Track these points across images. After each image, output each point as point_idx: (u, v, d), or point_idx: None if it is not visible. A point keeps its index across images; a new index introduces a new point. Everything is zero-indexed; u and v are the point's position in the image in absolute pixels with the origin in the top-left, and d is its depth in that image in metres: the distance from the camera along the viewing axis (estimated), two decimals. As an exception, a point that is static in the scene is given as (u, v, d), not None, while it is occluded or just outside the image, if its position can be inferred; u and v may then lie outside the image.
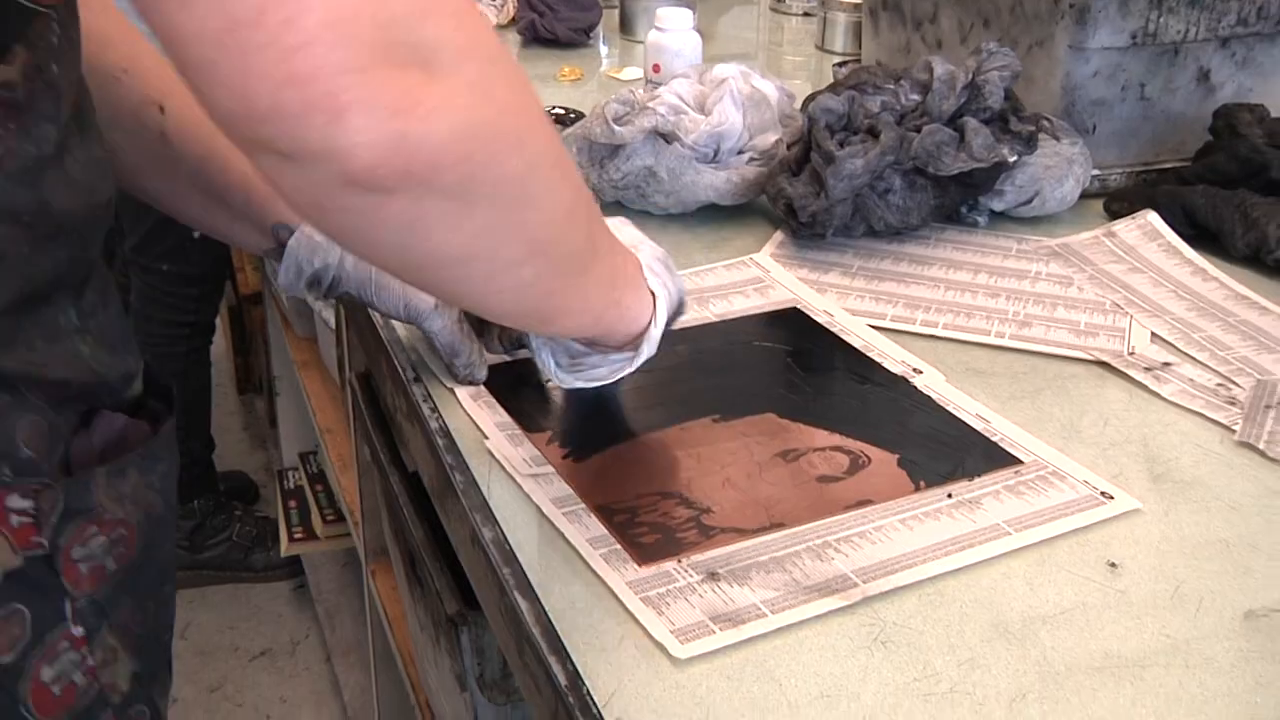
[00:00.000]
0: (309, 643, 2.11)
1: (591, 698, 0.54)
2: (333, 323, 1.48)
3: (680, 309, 0.74)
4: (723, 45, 1.79)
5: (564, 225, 0.56)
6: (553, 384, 0.76)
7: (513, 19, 1.75)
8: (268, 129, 0.41)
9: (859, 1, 1.53)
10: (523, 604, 0.60)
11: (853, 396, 0.80)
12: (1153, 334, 0.89)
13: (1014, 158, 1.00)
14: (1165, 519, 0.68)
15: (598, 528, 0.66)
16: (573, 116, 1.29)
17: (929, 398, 0.79)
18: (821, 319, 0.89)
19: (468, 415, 0.76)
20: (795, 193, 0.98)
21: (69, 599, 0.60)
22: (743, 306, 0.91)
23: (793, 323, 0.90)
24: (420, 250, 0.49)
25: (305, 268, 0.77)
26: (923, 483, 0.70)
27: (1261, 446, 0.74)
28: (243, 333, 2.60)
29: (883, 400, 0.79)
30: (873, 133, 0.97)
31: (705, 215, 1.07)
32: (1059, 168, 1.05)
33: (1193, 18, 1.07)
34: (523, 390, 0.79)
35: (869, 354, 0.85)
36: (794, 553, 0.64)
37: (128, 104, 0.72)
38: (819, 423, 0.76)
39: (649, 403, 0.78)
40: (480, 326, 0.82)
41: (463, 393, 0.78)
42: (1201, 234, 1.02)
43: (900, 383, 0.81)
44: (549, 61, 1.61)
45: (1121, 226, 1.04)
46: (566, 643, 0.58)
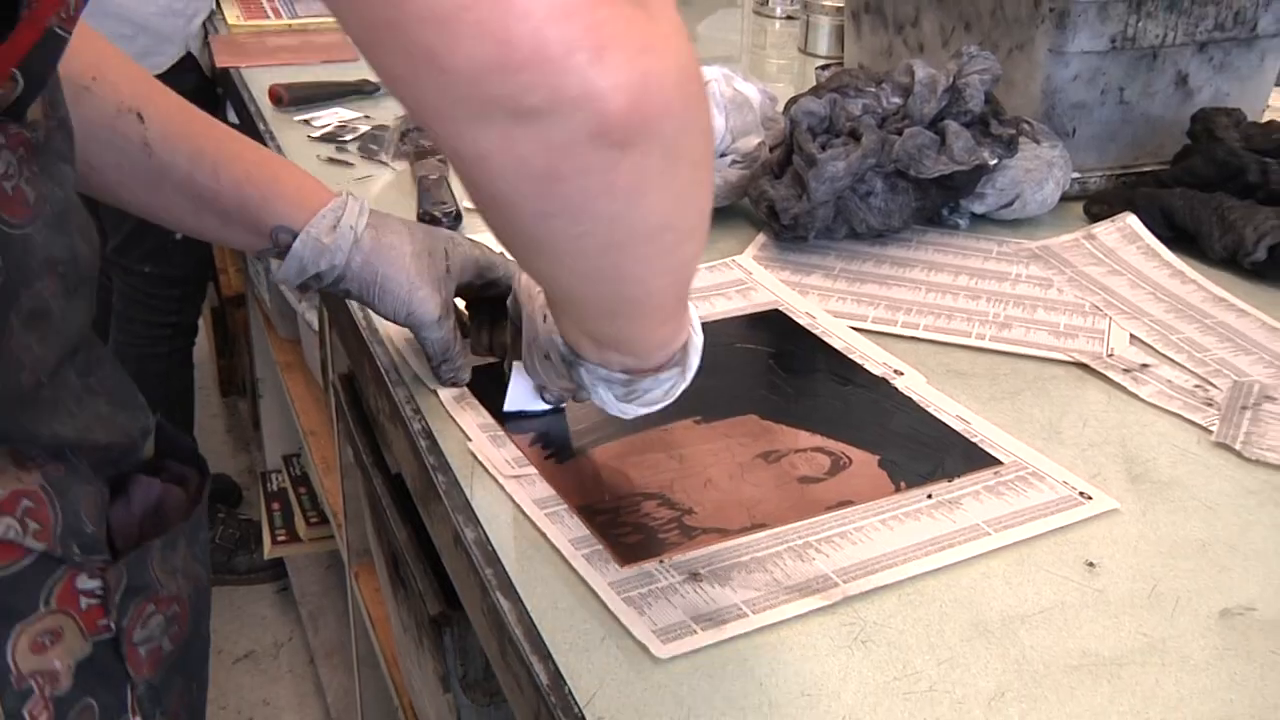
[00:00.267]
0: (292, 645, 2.11)
1: (573, 697, 0.55)
2: (316, 324, 1.48)
3: None
4: (707, 48, 1.79)
5: (711, 201, 0.51)
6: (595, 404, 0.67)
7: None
8: (523, 79, 0.37)
9: (842, 5, 1.54)
10: (505, 604, 0.61)
11: (834, 398, 0.80)
12: (1131, 336, 0.89)
13: (994, 161, 1.00)
14: (1143, 519, 0.69)
15: (580, 528, 0.66)
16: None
17: (910, 399, 0.80)
18: (803, 321, 0.90)
19: (450, 417, 0.76)
20: (777, 195, 0.98)
21: (130, 686, 0.58)
22: (725, 309, 0.92)
23: (775, 325, 0.90)
24: (630, 220, 0.45)
25: (309, 269, 0.73)
26: (903, 483, 0.71)
27: (1238, 447, 0.75)
28: (225, 335, 2.60)
29: (864, 402, 0.80)
30: (854, 135, 0.98)
31: (688, 217, 1.08)
32: (1039, 171, 1.05)
33: (1170, 22, 1.08)
34: (506, 392, 0.79)
35: (850, 356, 0.85)
36: (775, 553, 0.64)
37: (101, 115, 0.67)
38: (801, 424, 0.77)
39: (631, 404, 0.79)
40: (465, 328, 0.83)
41: (445, 394, 0.78)
42: (1180, 236, 1.03)
43: (881, 384, 0.81)
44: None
45: (1101, 229, 1.05)
46: (548, 643, 0.58)
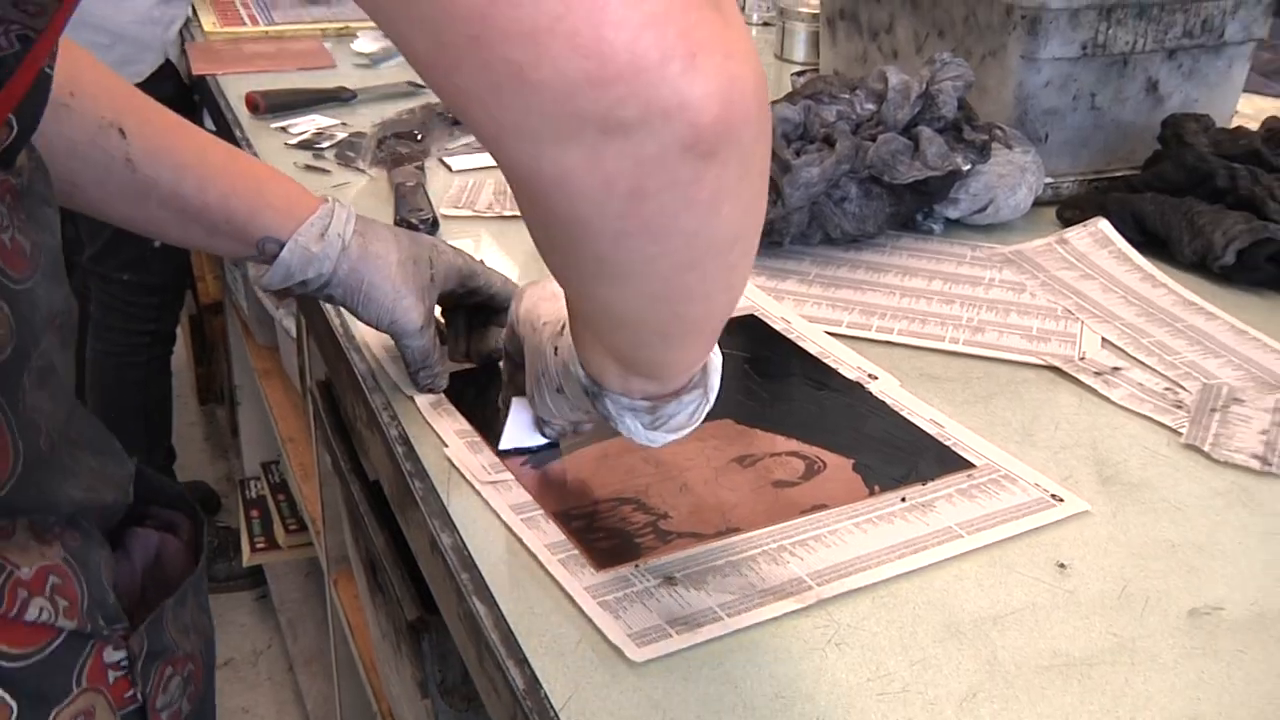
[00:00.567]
0: (271, 652, 2.10)
1: (549, 701, 0.55)
2: (294, 331, 1.48)
3: None
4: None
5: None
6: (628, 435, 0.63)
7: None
8: (617, 91, 0.36)
9: (817, 11, 1.55)
10: (481, 609, 0.61)
11: (809, 402, 0.81)
12: (1103, 339, 0.90)
13: (968, 166, 1.01)
14: (1113, 520, 0.69)
15: (556, 533, 0.66)
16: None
17: (884, 403, 0.80)
18: (779, 326, 0.90)
19: (427, 423, 0.77)
20: (753, 201, 0.99)
21: None
22: (701, 314, 0.92)
23: (750, 330, 0.91)
24: (705, 235, 0.44)
25: (295, 275, 0.73)
26: (877, 487, 0.71)
27: (1206, 449, 0.76)
28: (203, 342, 2.59)
29: (839, 406, 0.80)
30: (829, 142, 0.99)
31: (664, 223, 1.08)
32: (1012, 176, 1.06)
33: (1140, 29, 1.09)
34: (482, 398, 0.79)
35: (825, 360, 0.86)
36: (750, 557, 0.65)
37: (82, 132, 0.65)
38: (776, 428, 0.77)
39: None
40: (443, 335, 0.83)
41: (422, 401, 0.79)
42: (1151, 241, 1.04)
43: (856, 388, 0.82)
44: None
45: (1073, 234, 1.06)
46: (524, 647, 0.58)
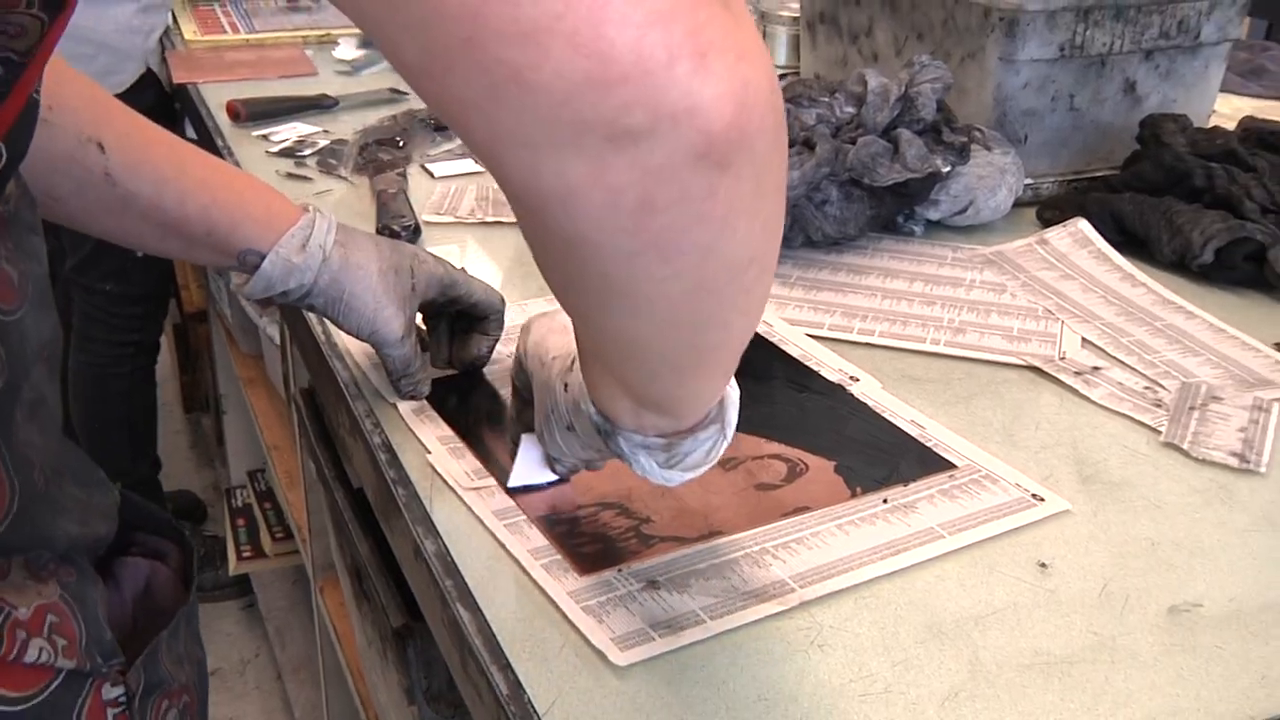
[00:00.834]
0: (259, 661, 2.10)
1: (533, 706, 0.55)
2: (278, 339, 1.48)
3: None
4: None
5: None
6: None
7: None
8: (622, 94, 0.34)
9: (798, 15, 1.55)
10: (464, 615, 0.61)
11: (791, 405, 0.81)
12: (1083, 339, 0.91)
13: (947, 168, 1.02)
14: (1094, 519, 0.70)
15: (539, 538, 0.66)
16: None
17: (865, 405, 0.81)
18: (761, 329, 0.91)
19: (410, 430, 0.77)
20: (734, 205, 0.99)
21: None
22: (683, 318, 0.92)
23: (732, 333, 0.91)
24: (720, 253, 0.41)
25: (276, 286, 0.73)
26: (859, 489, 0.71)
27: (1186, 447, 0.76)
28: (188, 351, 2.58)
29: (820, 408, 0.80)
30: (809, 145, 0.99)
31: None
32: (992, 177, 1.07)
33: (1117, 31, 1.10)
34: (465, 405, 0.80)
35: (807, 363, 0.86)
36: (732, 560, 0.65)
37: (61, 146, 0.64)
38: (758, 431, 0.77)
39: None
40: (424, 342, 0.83)
41: (405, 408, 0.79)
42: (1130, 240, 1.05)
43: (838, 391, 0.82)
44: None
45: (1053, 234, 1.07)
46: (508, 652, 0.58)
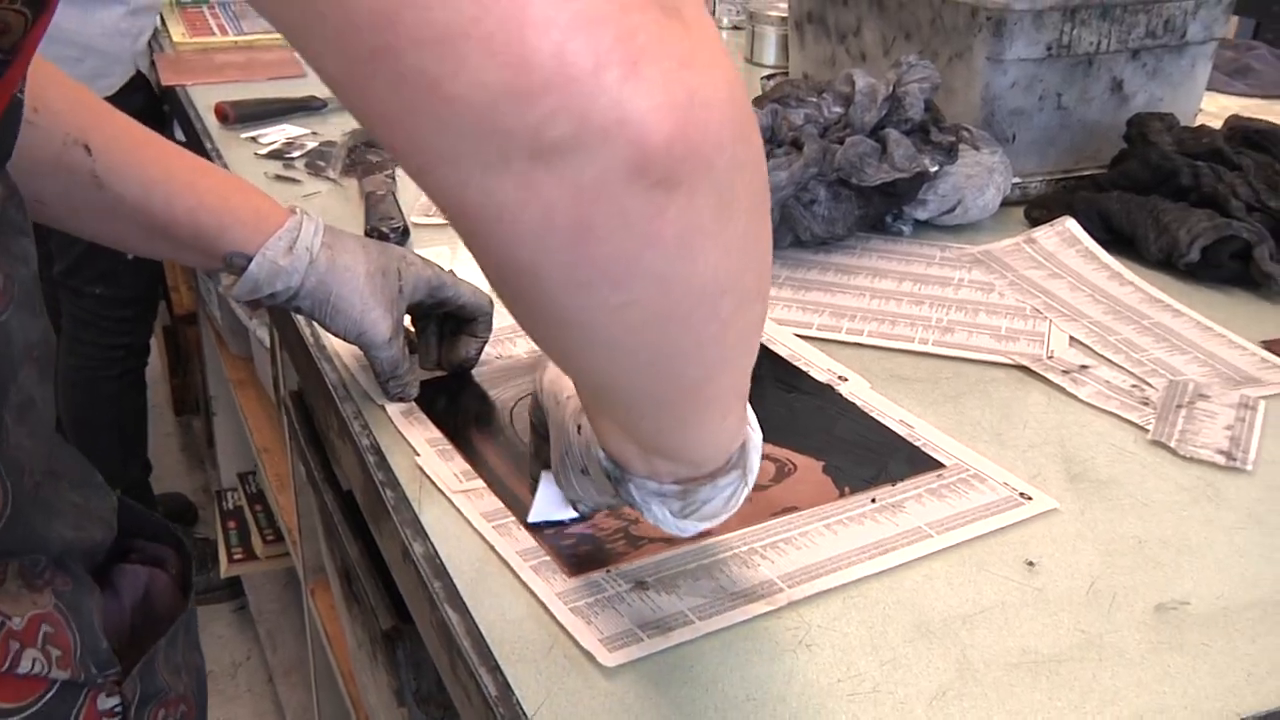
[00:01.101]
0: (250, 664, 2.09)
1: (521, 708, 0.55)
2: (267, 341, 1.48)
3: None
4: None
5: (770, 255, 0.44)
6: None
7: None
8: (545, 104, 0.31)
9: (786, 15, 1.56)
10: (453, 617, 0.61)
11: (780, 405, 0.81)
12: (1071, 338, 0.91)
13: (935, 168, 1.02)
14: (1081, 517, 0.70)
15: (528, 540, 0.66)
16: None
17: (854, 405, 0.81)
18: (749, 329, 0.91)
19: (399, 432, 0.77)
20: (722, 205, 0.99)
21: None
22: (672, 318, 0.92)
23: (721, 333, 0.91)
24: (680, 281, 0.38)
25: (263, 288, 0.72)
26: (847, 488, 0.72)
27: (1173, 445, 0.77)
28: (178, 353, 2.58)
29: (809, 408, 0.81)
30: (797, 145, 0.99)
31: (635, 228, 1.08)
32: (980, 177, 1.07)
33: (1104, 30, 1.10)
34: (454, 406, 0.80)
35: (795, 363, 0.86)
36: (721, 560, 0.65)
37: (47, 149, 0.64)
38: (746, 431, 0.77)
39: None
40: (413, 344, 0.83)
41: (394, 410, 0.79)
42: (1117, 239, 1.05)
43: (826, 391, 0.83)
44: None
45: (1041, 233, 1.07)
46: (496, 654, 0.58)
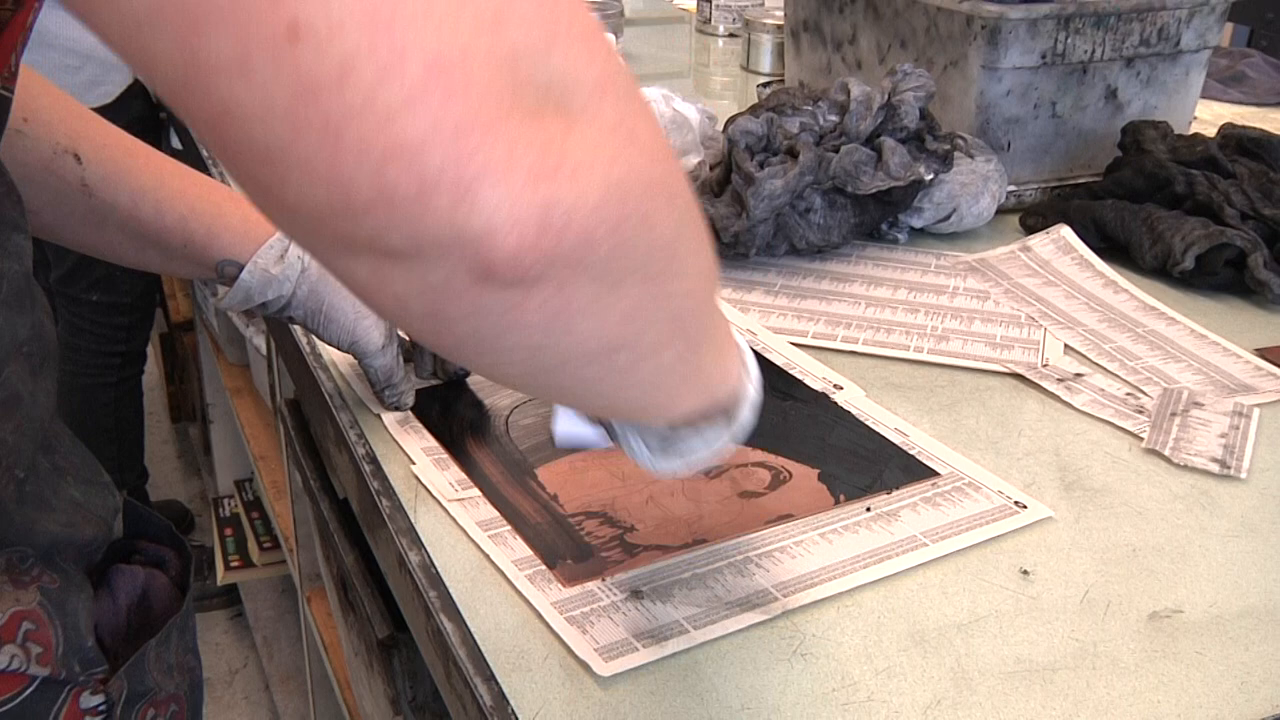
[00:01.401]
0: (247, 671, 2.09)
1: (517, 717, 0.55)
2: (264, 349, 1.48)
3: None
4: (653, 65, 1.81)
5: (705, 293, 0.45)
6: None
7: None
8: (371, 222, 0.31)
9: (782, 23, 1.56)
10: (448, 626, 0.61)
11: (775, 413, 0.81)
12: (1065, 346, 0.91)
13: (930, 176, 1.02)
14: (1075, 526, 0.70)
15: (523, 549, 0.66)
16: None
17: (849, 413, 0.81)
18: (745, 337, 0.91)
19: (395, 441, 0.77)
20: (717, 214, 0.99)
21: None
22: (668, 326, 0.92)
23: (717, 342, 0.91)
24: (558, 349, 0.38)
25: (255, 298, 0.73)
26: (842, 496, 0.72)
27: (1167, 453, 0.77)
28: (175, 360, 2.58)
29: (804, 416, 0.81)
30: (792, 153, 0.99)
31: (631, 237, 1.09)
32: (975, 184, 1.07)
33: (1098, 38, 1.10)
34: (449, 415, 0.80)
35: (791, 371, 0.86)
36: (716, 569, 0.65)
37: (37, 158, 0.64)
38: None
39: (575, 424, 0.79)
40: (409, 352, 0.83)
41: (389, 419, 0.79)
42: (1112, 247, 1.05)
43: (821, 399, 0.83)
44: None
45: (1036, 241, 1.07)
46: (492, 664, 0.58)
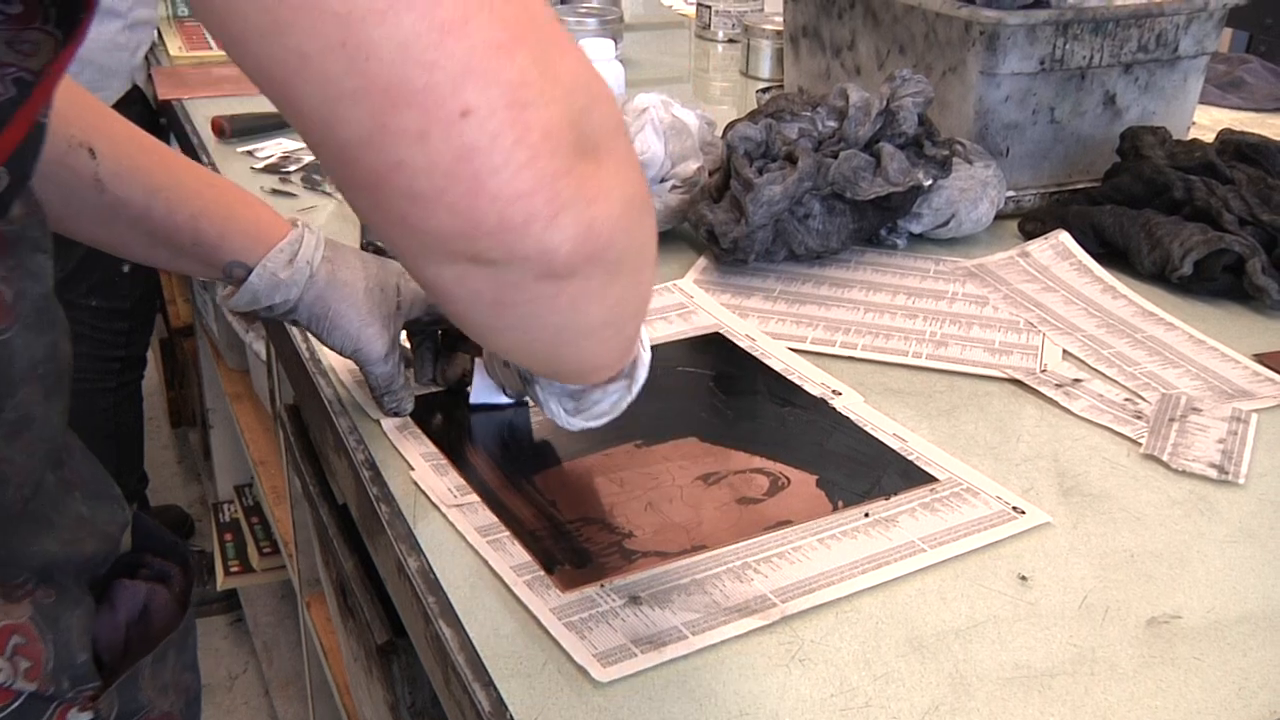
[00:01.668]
0: (247, 677, 2.09)
1: (515, 723, 0.55)
2: (264, 355, 1.48)
3: None
4: (652, 71, 1.81)
5: (654, 278, 0.56)
6: (555, 423, 0.70)
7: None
8: (485, 243, 0.41)
9: (781, 29, 1.56)
10: (447, 632, 0.61)
11: (773, 419, 0.81)
12: (1064, 351, 0.91)
13: (929, 181, 1.02)
14: (1074, 531, 0.70)
15: (522, 554, 0.66)
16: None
17: (847, 418, 0.81)
18: (743, 343, 0.91)
19: (394, 447, 0.77)
20: (716, 219, 1.00)
21: None
22: (666, 332, 0.93)
23: (715, 347, 0.91)
24: (572, 327, 0.49)
25: (262, 300, 0.73)
26: (841, 502, 0.72)
27: (1165, 458, 0.77)
28: (174, 366, 2.57)
29: (802, 422, 0.81)
30: (791, 159, 1.00)
31: (630, 242, 1.09)
32: (974, 190, 1.07)
33: (1097, 44, 1.11)
34: (449, 421, 0.80)
35: (789, 377, 0.86)
36: (714, 574, 0.65)
37: (51, 151, 0.63)
38: (740, 445, 0.78)
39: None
40: (409, 359, 0.83)
41: (389, 425, 0.79)
42: (1111, 252, 1.05)
43: (820, 404, 0.83)
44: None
45: (1035, 246, 1.07)
46: (490, 669, 0.58)
